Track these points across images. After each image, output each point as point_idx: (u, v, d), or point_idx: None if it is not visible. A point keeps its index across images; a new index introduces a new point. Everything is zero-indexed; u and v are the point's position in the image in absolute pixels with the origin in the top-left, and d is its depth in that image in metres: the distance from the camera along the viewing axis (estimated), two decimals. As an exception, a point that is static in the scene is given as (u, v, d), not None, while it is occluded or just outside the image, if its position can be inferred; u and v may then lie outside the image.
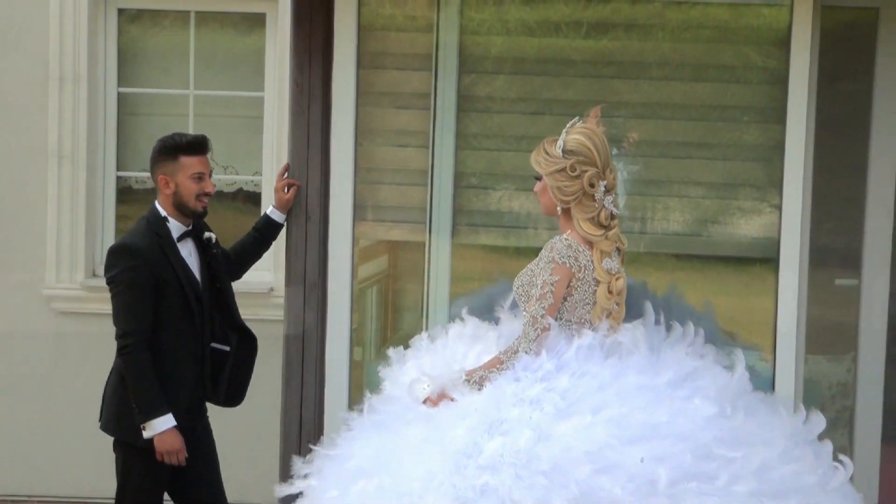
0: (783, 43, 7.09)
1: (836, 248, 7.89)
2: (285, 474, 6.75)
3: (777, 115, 7.11)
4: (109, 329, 7.88)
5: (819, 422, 6.00)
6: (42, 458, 9.34)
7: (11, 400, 9.28)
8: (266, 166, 9.32)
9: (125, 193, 9.62)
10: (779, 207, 7.13)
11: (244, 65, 9.55)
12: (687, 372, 5.86)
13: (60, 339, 9.31)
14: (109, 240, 9.32)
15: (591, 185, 5.87)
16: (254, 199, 9.37)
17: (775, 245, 7.16)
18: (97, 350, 8.70)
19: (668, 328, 6.26)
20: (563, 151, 5.90)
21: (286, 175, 7.08)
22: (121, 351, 6.41)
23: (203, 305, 6.67)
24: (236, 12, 9.50)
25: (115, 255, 6.45)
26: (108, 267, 6.48)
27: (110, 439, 6.84)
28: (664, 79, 7.40)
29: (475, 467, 5.40)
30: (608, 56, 7.42)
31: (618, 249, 6.10)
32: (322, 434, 6.97)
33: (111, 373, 6.67)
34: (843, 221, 7.83)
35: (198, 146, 6.58)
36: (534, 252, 6.68)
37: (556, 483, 5.30)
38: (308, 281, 7.00)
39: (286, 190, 6.98)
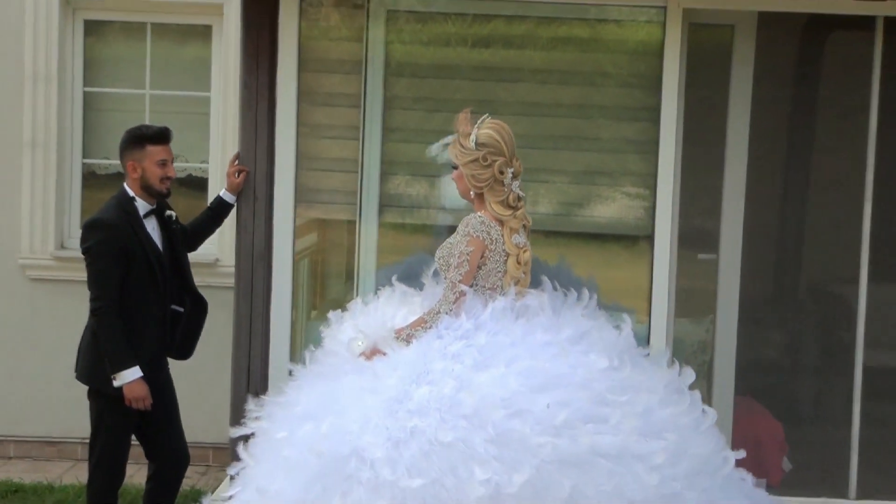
0: (657, 54, 7.26)
1: (698, 229, 8.02)
2: (236, 418, 6.87)
3: (652, 115, 7.26)
4: (76, 293, 8.47)
5: (689, 374, 6.19)
6: (19, 403, 9.39)
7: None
8: (212, 156, 9.36)
9: (89, 178, 9.61)
10: (654, 194, 7.29)
11: (193, 69, 9.55)
12: (583, 331, 6.05)
13: (34, 302, 9.33)
14: (76, 217, 9.47)
15: (501, 173, 6.11)
16: (201, 183, 9.46)
17: (650, 226, 7.33)
18: (65, 311, 9.13)
19: (564, 295, 6.38)
20: (476, 144, 6.11)
21: (237, 162, 7.23)
22: (94, 312, 6.56)
23: (164, 273, 6.78)
24: (186, 24, 9.53)
25: (89, 229, 6.60)
26: (83, 239, 6.61)
27: (80, 386, 6.92)
28: (542, 82, 7.57)
29: (405, 412, 5.57)
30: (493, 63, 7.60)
31: (524, 226, 6.29)
32: (267, 382, 7.17)
33: (85, 330, 6.77)
34: (705, 207, 7.92)
35: (162, 136, 6.76)
36: (448, 230, 7.01)
37: (475, 425, 5.48)
38: (256, 253, 7.20)
39: (237, 175, 7.16)
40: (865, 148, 7.64)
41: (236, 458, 6.38)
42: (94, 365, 6.64)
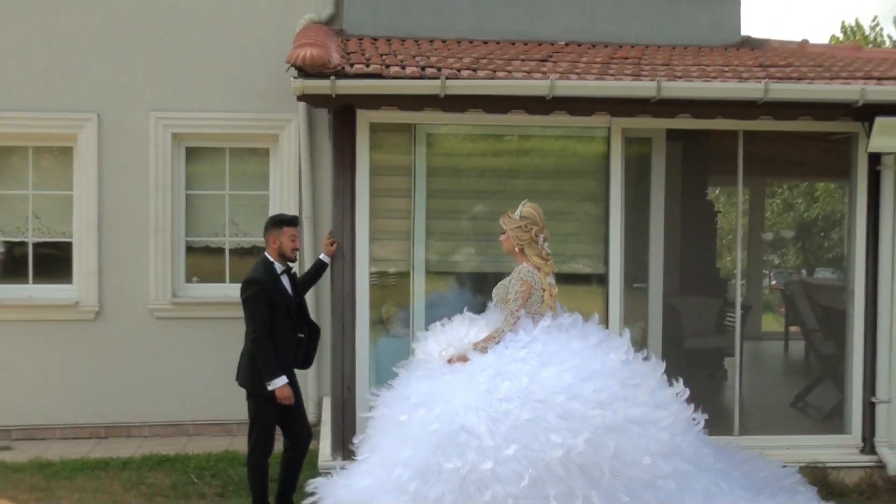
0: (605, 157, 7.88)
1: (634, 265, 8.20)
2: (337, 408, 7.56)
3: (603, 196, 7.90)
4: (185, 326, 9.88)
5: (661, 365, 6.64)
6: (146, 396, 9.88)
7: (138, 361, 9.86)
8: None
9: (189, 251, 10.15)
10: (607, 248, 7.93)
11: (258, 175, 10.12)
12: (602, 338, 6.60)
13: (158, 332, 9.91)
14: (181, 276, 10.02)
15: (536, 236, 6.78)
16: (261, 249, 9.39)
17: (605, 268, 7.95)
18: (178, 338, 9.98)
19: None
20: (520, 217, 6.81)
21: (331, 237, 7.67)
22: (253, 340, 7.02)
23: (293, 312, 7.24)
24: (254, 147, 10.12)
25: (248, 284, 7.08)
26: (244, 290, 7.07)
27: (186, 385, 8.47)
28: (529, 178, 8.13)
29: (497, 399, 6.14)
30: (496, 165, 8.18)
31: (553, 273, 6.84)
32: (354, 382, 7.66)
33: (243, 353, 7.22)
34: (638, 251, 8.18)
35: (294, 221, 7.33)
36: (471, 276, 7.99)
37: (547, 406, 6.10)
38: (345, 295, 7.71)
39: (332, 245, 7.64)
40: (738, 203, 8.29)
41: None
42: (254, 376, 7.11)
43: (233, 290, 9.77)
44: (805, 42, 9.92)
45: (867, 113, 7.76)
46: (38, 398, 10.01)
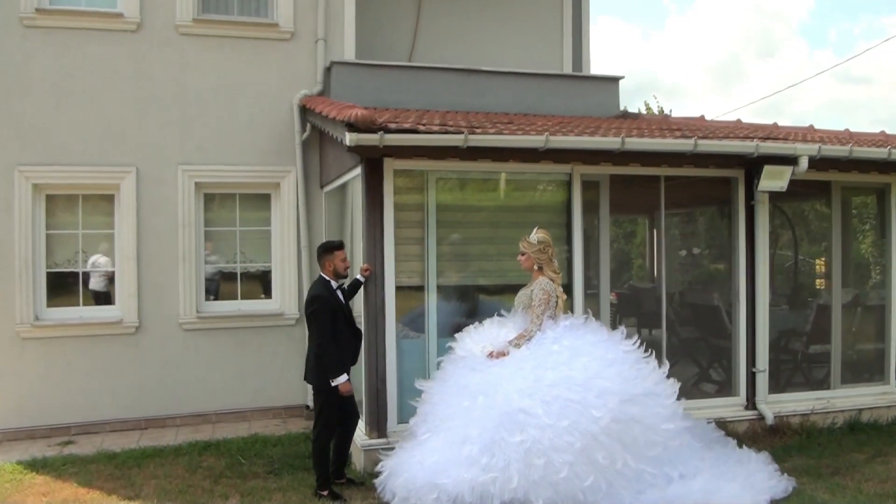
0: (567, 194, 7.28)
1: (589, 280, 7.53)
2: (371, 401, 6.66)
3: (567, 227, 7.29)
4: (208, 336, 8.78)
5: (651, 354, 6.00)
6: (175, 391, 8.65)
7: (170, 365, 8.58)
8: (273, 259, 8.97)
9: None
10: (571, 265, 7.25)
11: (262, 216, 9.01)
12: (608, 334, 6.03)
13: (186, 342, 8.67)
14: (202, 294, 8.84)
15: (552, 256, 6.26)
16: (267, 275, 9.05)
17: (570, 280, 7.21)
18: (203, 346, 8.73)
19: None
20: (538, 241, 6.22)
21: (365, 265, 6.78)
22: (319, 346, 6.08)
23: (350, 319, 6.38)
24: (255, 194, 8.99)
25: (314, 300, 6.15)
26: (310, 305, 6.14)
27: (218, 380, 7.46)
28: (508, 211, 7.37)
29: (546, 385, 5.54)
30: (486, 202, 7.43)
31: (562, 286, 6.37)
32: (385, 379, 6.76)
33: (308, 356, 6.27)
34: (592, 268, 7.60)
35: (341, 245, 6.44)
36: (481, 287, 7.20)
37: (587, 388, 5.51)
38: (377, 308, 6.80)
39: (366, 271, 6.74)
40: (660, 230, 8.00)
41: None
42: (319, 374, 6.17)
43: (245, 306, 9.08)
44: (667, 116, 9.59)
45: (752, 163, 7.46)
46: (90, 398, 8.48)
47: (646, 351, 6.02)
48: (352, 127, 6.29)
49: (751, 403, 7.81)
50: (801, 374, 8.35)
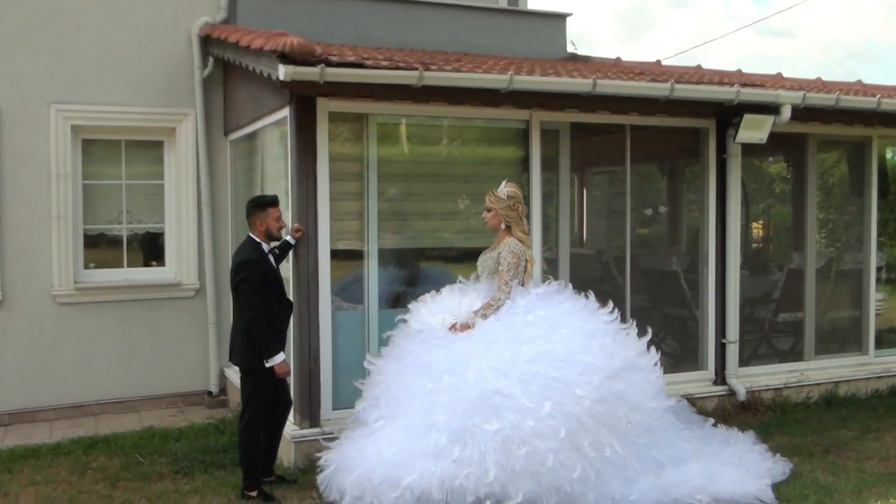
0: (526, 146, 7.15)
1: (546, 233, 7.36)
2: (303, 377, 6.37)
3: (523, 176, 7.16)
4: (87, 311, 8.30)
5: (631, 323, 5.94)
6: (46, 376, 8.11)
7: (42, 346, 8.03)
8: (167, 219, 8.54)
9: (86, 239, 8.33)
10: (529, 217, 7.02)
11: (154, 164, 8.51)
12: (584, 302, 5.85)
13: (62, 317, 8.07)
14: (81, 263, 8.26)
15: (522, 214, 6.06)
16: (157, 238, 8.61)
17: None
18: (81, 322, 8.24)
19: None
20: (507, 196, 5.99)
21: (296, 224, 6.41)
22: (250, 320, 5.69)
23: (283, 288, 6.04)
24: (145, 140, 8.46)
25: (243, 266, 5.77)
26: (238, 272, 5.76)
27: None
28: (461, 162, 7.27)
29: (523, 362, 5.34)
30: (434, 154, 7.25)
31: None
32: (319, 354, 6.47)
33: (235, 332, 5.93)
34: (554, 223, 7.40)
35: (275, 201, 6.07)
36: (430, 251, 7.07)
37: (568, 364, 5.33)
38: (309, 273, 6.45)
39: (297, 232, 6.39)
40: (626, 185, 7.78)
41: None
42: (249, 353, 5.81)
43: (133, 275, 8.58)
44: (619, 59, 9.52)
45: (727, 112, 7.50)
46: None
47: (623, 320, 5.92)
48: (285, 58, 5.86)
49: (720, 378, 7.91)
50: (769, 345, 8.54)
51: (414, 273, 7.04)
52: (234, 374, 8.21)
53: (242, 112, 7.94)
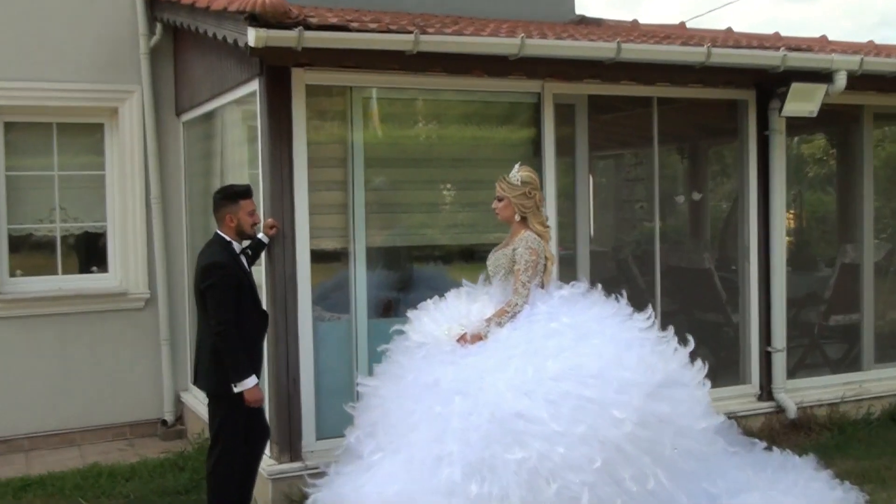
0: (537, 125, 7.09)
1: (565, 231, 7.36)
2: (280, 401, 6.26)
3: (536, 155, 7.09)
4: (20, 328, 8.10)
5: (670, 330, 5.77)
6: None
7: None
8: (108, 216, 8.40)
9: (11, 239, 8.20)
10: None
11: (92, 151, 8.42)
12: (615, 307, 5.69)
13: None
14: (6, 268, 8.11)
15: (539, 203, 5.89)
16: (97, 237, 8.50)
17: None
18: (12, 342, 8.09)
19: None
20: (521, 182, 5.83)
21: (270, 220, 6.27)
22: (219, 334, 5.50)
23: (257, 296, 5.91)
24: (82, 123, 8.34)
25: (211, 269, 5.58)
26: (206, 278, 5.57)
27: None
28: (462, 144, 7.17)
29: (549, 380, 5.16)
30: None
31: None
32: (298, 372, 6.34)
33: (201, 349, 5.75)
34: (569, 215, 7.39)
35: (248, 192, 5.88)
36: (428, 250, 7.02)
37: (602, 381, 5.15)
38: (286, 278, 6.29)
39: (272, 229, 6.24)
40: (653, 169, 7.76)
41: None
42: (218, 376, 5.62)
43: (69, 283, 8.41)
44: (636, 21, 9.43)
45: (771, 81, 7.43)
46: None
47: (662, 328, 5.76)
48: (255, 21, 5.67)
49: (766, 392, 7.87)
50: (820, 353, 8.48)
51: (409, 276, 6.97)
52: (193, 400, 8.22)
53: (199, 87, 7.78)
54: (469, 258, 6.94)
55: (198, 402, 7.99)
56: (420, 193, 7.09)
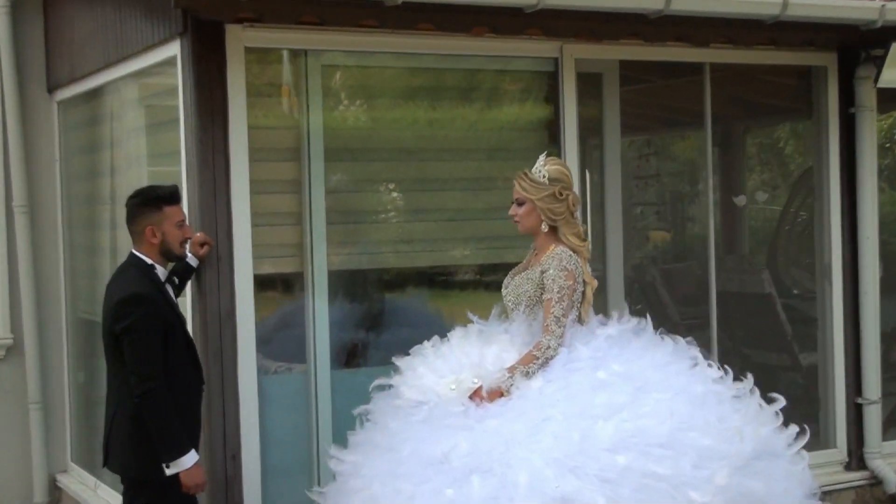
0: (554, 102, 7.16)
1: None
2: (213, 474, 6.15)
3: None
4: None
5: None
6: None
7: None
8: None
9: None
10: None
11: None
12: (673, 347, 5.75)
13: None
14: None
15: (572, 206, 5.83)
16: None
17: None
18: None
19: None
20: (549, 179, 5.77)
21: (200, 234, 6.18)
22: (143, 395, 5.35)
23: (191, 341, 5.84)
24: None
25: (127, 304, 5.41)
26: (122, 317, 5.41)
27: None
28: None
29: (602, 450, 5.10)
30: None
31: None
32: (239, 440, 6.31)
33: (116, 419, 5.62)
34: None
35: (177, 195, 5.78)
36: (412, 272, 7.05)
37: (675, 452, 5.13)
38: (221, 314, 6.22)
39: (202, 246, 6.14)
40: (706, 158, 7.86)
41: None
42: (141, 453, 5.49)
43: None
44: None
45: (860, 41, 7.57)
46: None
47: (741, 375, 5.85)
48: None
49: (855, 458, 7.94)
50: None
51: (386, 309, 7.04)
52: (77, 485, 8.18)
53: (83, 54, 7.79)
54: (474, 285, 7.00)
55: (84, 487, 7.98)
56: (399, 196, 7.17)
